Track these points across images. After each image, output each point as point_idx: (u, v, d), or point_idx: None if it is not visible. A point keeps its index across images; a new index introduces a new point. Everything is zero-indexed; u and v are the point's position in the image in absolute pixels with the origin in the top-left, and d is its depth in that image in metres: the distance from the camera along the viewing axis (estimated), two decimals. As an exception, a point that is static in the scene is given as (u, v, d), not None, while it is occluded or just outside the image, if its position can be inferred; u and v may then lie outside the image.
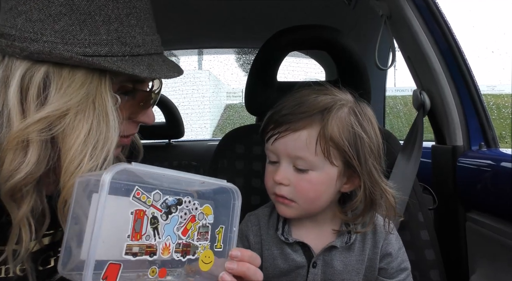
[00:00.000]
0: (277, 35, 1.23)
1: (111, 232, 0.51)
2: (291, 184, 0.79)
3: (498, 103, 2.84)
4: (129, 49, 0.65)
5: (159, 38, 0.73)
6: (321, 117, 0.78)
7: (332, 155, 0.77)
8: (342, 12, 1.68)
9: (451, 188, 1.21)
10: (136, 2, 0.67)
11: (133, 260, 0.52)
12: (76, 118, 0.62)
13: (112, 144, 0.65)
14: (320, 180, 0.79)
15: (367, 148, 0.79)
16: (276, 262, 0.86)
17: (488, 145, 1.20)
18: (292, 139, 0.78)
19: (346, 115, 0.79)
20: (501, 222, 1.03)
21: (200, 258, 0.60)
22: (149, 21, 0.70)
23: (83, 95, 0.62)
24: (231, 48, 3.08)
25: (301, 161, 0.78)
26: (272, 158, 0.83)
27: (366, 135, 0.79)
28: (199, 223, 0.60)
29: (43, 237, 0.77)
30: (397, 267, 0.86)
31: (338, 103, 0.80)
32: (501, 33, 9.47)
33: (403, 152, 1.16)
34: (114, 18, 0.64)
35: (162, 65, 0.70)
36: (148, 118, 0.76)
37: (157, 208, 0.55)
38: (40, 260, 0.77)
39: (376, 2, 1.31)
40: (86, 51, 0.62)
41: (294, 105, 0.80)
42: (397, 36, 1.31)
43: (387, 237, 0.87)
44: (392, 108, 2.59)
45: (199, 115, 6.68)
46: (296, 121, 0.78)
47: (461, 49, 1.21)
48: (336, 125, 0.77)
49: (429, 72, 1.22)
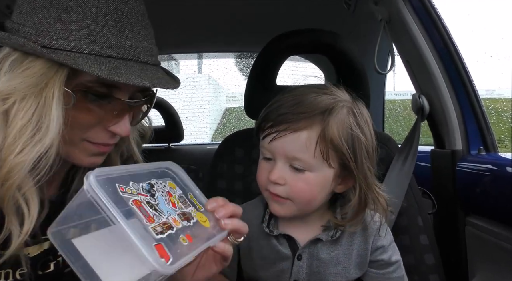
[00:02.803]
0: (277, 39, 1.23)
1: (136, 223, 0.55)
2: (287, 183, 0.78)
3: (497, 108, 2.85)
4: (98, 48, 0.64)
5: (152, 49, 0.71)
6: (322, 118, 0.76)
7: (330, 157, 0.76)
8: (341, 16, 1.69)
9: (450, 192, 1.21)
10: (119, 5, 0.66)
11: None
12: (21, 104, 0.62)
13: (50, 141, 0.63)
14: (317, 181, 0.78)
15: (364, 149, 0.78)
16: (263, 252, 0.87)
17: (487, 150, 1.20)
18: (291, 140, 0.76)
19: (346, 116, 0.78)
20: (500, 226, 1.03)
21: (198, 220, 0.66)
22: (136, 27, 0.68)
23: (31, 83, 0.62)
24: (230, 52, 3.09)
25: (299, 162, 0.77)
26: (267, 154, 0.81)
27: (363, 136, 0.78)
28: (176, 196, 0.67)
29: (43, 242, 0.77)
30: (388, 260, 0.86)
31: (339, 104, 0.79)
32: (500, 38, 9.52)
33: (399, 155, 1.16)
34: (90, 15, 0.64)
35: (135, 71, 0.65)
36: (119, 128, 0.71)
37: (142, 194, 0.60)
38: (40, 264, 0.76)
39: (375, 6, 1.31)
40: (52, 43, 0.63)
41: (293, 104, 0.78)
42: (396, 41, 1.32)
43: (377, 233, 0.86)
44: (391, 112, 2.59)
45: (199, 119, 6.69)
46: (296, 121, 0.76)
47: (460, 53, 1.21)
48: (336, 126, 0.76)
49: (428, 76, 1.22)
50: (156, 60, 0.73)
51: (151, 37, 0.72)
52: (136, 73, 0.65)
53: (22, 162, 0.62)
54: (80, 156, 0.73)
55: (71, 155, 0.72)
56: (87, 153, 0.73)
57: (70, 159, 0.73)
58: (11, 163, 0.61)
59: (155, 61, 0.73)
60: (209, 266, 0.70)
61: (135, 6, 0.68)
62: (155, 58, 0.73)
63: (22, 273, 0.73)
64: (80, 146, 0.72)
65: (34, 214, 0.66)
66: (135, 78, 0.64)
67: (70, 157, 0.73)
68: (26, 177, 0.64)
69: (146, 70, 0.68)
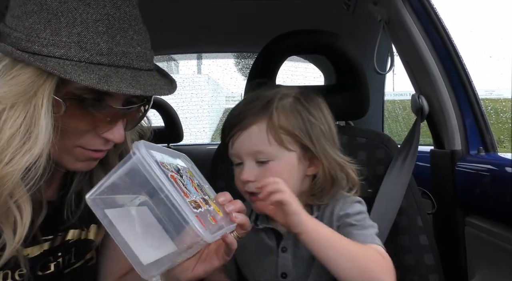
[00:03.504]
0: (276, 39, 1.23)
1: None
2: (257, 179, 0.83)
3: (496, 108, 2.85)
4: (88, 55, 0.62)
5: (146, 54, 0.69)
6: (266, 109, 0.85)
7: (286, 141, 0.84)
8: (341, 17, 1.69)
9: (450, 193, 1.21)
10: (110, 10, 0.64)
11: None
12: (9, 112, 0.62)
13: (39, 151, 0.62)
14: (282, 168, 0.84)
15: (318, 130, 0.85)
16: (254, 247, 0.90)
17: (487, 150, 1.20)
18: (246, 136, 0.84)
19: (291, 104, 0.86)
20: (500, 227, 1.03)
21: (214, 207, 0.67)
22: (129, 32, 0.66)
23: (19, 91, 0.61)
24: (230, 53, 3.09)
25: (261, 154, 0.84)
26: (236, 160, 0.88)
27: (314, 118, 0.86)
28: (195, 183, 0.69)
29: (43, 243, 0.77)
30: (354, 223, 0.83)
31: (278, 94, 0.87)
32: (499, 38, 9.53)
33: (399, 155, 1.17)
34: (80, 21, 0.62)
35: (126, 79, 0.64)
36: (112, 135, 0.70)
37: (174, 173, 0.63)
38: (40, 265, 0.76)
39: (375, 7, 1.31)
40: (41, 50, 0.62)
41: (242, 106, 0.88)
42: (395, 41, 1.32)
43: (343, 205, 0.86)
44: (390, 112, 2.59)
45: (198, 119, 6.68)
46: (245, 119, 0.85)
47: (459, 53, 1.21)
48: (282, 113, 0.84)
49: (427, 76, 1.22)
50: (150, 65, 0.71)
51: (145, 41, 0.70)
52: (127, 80, 0.64)
53: (11, 172, 0.61)
54: (72, 161, 0.73)
55: (63, 161, 0.72)
56: (80, 159, 0.73)
57: (61, 164, 0.73)
58: (1, 172, 0.61)
59: (150, 66, 0.71)
60: (210, 260, 0.70)
61: (127, 11, 0.66)
62: (150, 63, 0.71)
63: (21, 274, 0.72)
64: (72, 152, 0.71)
65: (26, 221, 0.66)
66: (125, 86, 0.63)
67: (61, 162, 0.72)
68: (17, 185, 0.63)
69: (139, 76, 0.66)
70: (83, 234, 0.84)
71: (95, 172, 0.81)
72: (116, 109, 0.69)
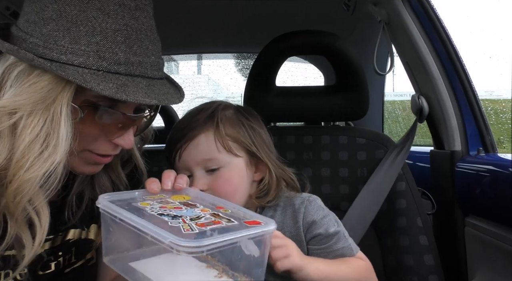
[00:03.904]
0: (276, 40, 1.23)
1: None
2: (209, 187, 0.86)
3: (496, 108, 2.85)
4: (106, 64, 0.63)
5: (159, 63, 0.71)
6: (211, 119, 0.89)
7: (233, 147, 0.87)
8: (341, 17, 1.69)
9: (449, 193, 1.21)
10: (129, 21, 0.65)
11: None
12: (28, 119, 0.62)
13: (59, 156, 0.63)
14: (232, 173, 0.88)
15: (259, 137, 0.92)
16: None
17: (486, 150, 1.20)
18: (194, 146, 0.87)
19: (233, 114, 0.92)
20: (499, 227, 1.03)
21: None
22: (145, 42, 0.67)
23: (38, 98, 0.62)
24: (230, 53, 3.08)
25: (210, 162, 0.87)
26: (185, 173, 0.87)
27: (255, 127, 0.92)
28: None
29: (44, 242, 0.77)
30: (325, 233, 0.88)
31: (220, 105, 0.93)
32: (499, 39, 9.53)
33: (393, 149, 1.18)
34: (99, 31, 0.63)
35: (142, 88, 0.66)
36: (123, 141, 0.72)
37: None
38: (40, 264, 0.76)
39: (375, 8, 1.31)
40: (60, 57, 0.62)
41: (186, 120, 0.91)
42: (395, 42, 1.32)
43: (306, 209, 0.90)
44: (390, 113, 2.59)
45: (198, 120, 6.67)
46: (192, 130, 0.88)
47: (458, 54, 1.21)
48: (227, 121, 0.89)
49: (427, 77, 1.22)
50: (162, 73, 0.73)
51: (158, 51, 0.71)
52: (143, 90, 0.65)
53: (32, 179, 0.62)
54: (80, 165, 0.74)
55: (71, 164, 0.73)
56: (87, 162, 0.74)
57: (70, 167, 0.73)
58: (21, 179, 0.62)
59: (162, 75, 0.73)
60: None
61: (145, 21, 0.68)
62: (162, 72, 0.73)
63: (22, 273, 0.73)
64: (81, 156, 0.72)
65: (45, 226, 0.67)
66: (142, 96, 0.64)
67: (70, 165, 0.73)
68: (37, 191, 0.64)
69: (153, 86, 0.68)
70: (83, 234, 0.84)
71: (97, 173, 0.82)
72: (128, 116, 0.71)
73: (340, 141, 1.21)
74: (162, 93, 0.69)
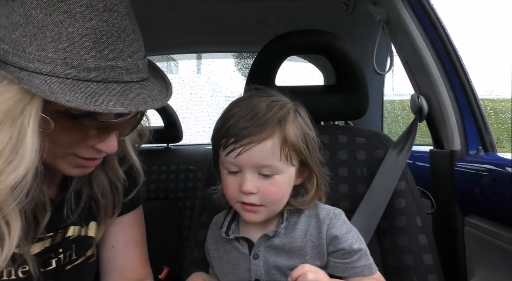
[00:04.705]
0: (276, 39, 1.23)
1: None
2: (259, 191, 0.83)
3: (496, 108, 2.84)
4: (75, 72, 0.60)
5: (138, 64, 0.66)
6: (280, 126, 0.82)
7: (292, 157, 0.84)
8: (340, 17, 1.69)
9: (449, 193, 1.22)
10: (97, 23, 0.60)
11: None
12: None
13: (25, 171, 0.61)
14: (284, 181, 0.85)
15: (312, 142, 0.87)
16: (229, 256, 0.91)
17: (486, 150, 1.20)
18: (257, 150, 0.81)
19: (295, 118, 0.86)
20: (499, 227, 1.03)
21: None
22: (118, 45, 0.62)
23: (6, 109, 0.59)
24: (229, 53, 3.08)
25: (267, 168, 0.82)
26: (232, 169, 0.84)
27: (310, 131, 0.87)
28: None
29: (44, 240, 0.78)
30: (349, 249, 0.87)
31: (291, 110, 0.86)
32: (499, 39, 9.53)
33: (395, 147, 1.17)
34: (66, 36, 0.59)
35: (115, 95, 0.61)
36: (105, 146, 0.69)
37: None
38: (41, 261, 0.77)
39: (374, 7, 1.31)
40: (28, 66, 0.59)
41: (251, 117, 0.82)
42: (394, 41, 1.32)
43: (331, 222, 0.88)
44: (390, 112, 2.59)
45: (198, 119, 6.67)
46: (258, 133, 0.80)
47: (458, 53, 1.21)
48: (293, 130, 0.84)
49: (427, 76, 1.22)
50: (143, 75, 0.68)
51: (136, 51, 0.66)
52: (116, 97, 0.61)
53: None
54: (67, 168, 0.73)
55: (58, 167, 0.72)
56: (74, 166, 0.73)
57: (58, 170, 0.73)
58: None
59: (142, 76, 0.68)
60: None
61: (115, 23, 0.62)
62: (142, 73, 0.68)
63: (25, 271, 0.74)
64: (66, 160, 0.71)
65: (15, 237, 0.64)
66: (114, 104, 0.60)
67: (57, 168, 0.72)
68: (5, 200, 0.62)
69: (130, 90, 0.64)
70: (83, 231, 0.85)
71: (94, 171, 0.82)
72: (106, 122, 0.68)
73: (340, 140, 1.21)
74: (139, 98, 0.64)
